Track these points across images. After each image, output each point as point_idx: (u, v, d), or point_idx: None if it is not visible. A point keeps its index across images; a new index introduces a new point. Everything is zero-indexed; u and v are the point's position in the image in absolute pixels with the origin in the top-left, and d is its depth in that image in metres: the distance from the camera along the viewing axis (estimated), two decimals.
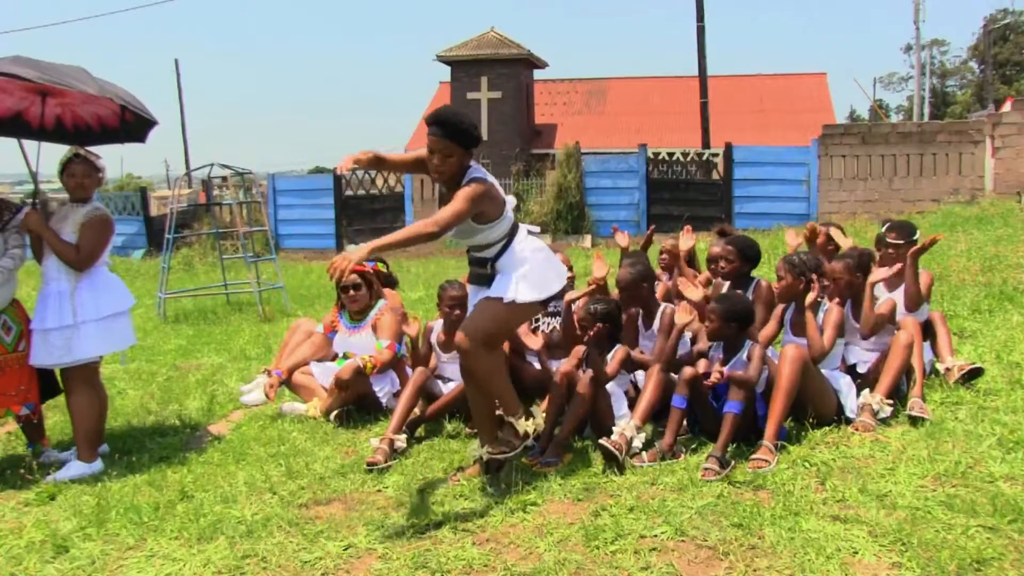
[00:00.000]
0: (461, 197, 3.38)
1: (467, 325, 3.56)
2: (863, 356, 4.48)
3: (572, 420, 4.02)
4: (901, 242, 4.83)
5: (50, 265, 4.27)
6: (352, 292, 5.07)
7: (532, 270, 3.57)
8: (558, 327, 4.87)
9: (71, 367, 4.23)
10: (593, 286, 4.67)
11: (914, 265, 4.59)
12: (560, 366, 4.26)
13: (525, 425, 3.72)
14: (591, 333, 4.14)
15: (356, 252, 3.15)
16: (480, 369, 3.58)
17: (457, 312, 4.53)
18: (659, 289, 4.98)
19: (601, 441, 3.74)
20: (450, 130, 3.43)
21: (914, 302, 4.62)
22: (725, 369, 3.87)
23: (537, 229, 3.78)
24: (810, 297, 4.16)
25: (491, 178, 3.53)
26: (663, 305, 4.55)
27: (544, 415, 4.23)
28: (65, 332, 4.17)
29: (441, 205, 3.50)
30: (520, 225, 3.68)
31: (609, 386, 4.17)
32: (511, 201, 3.65)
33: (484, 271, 3.64)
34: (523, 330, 4.85)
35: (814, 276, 4.28)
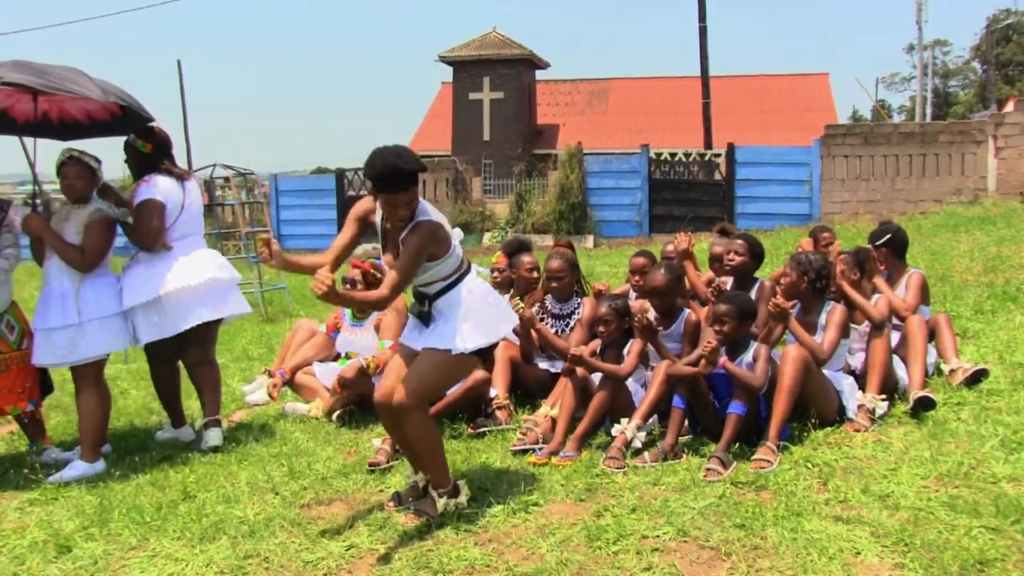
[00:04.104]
0: (412, 251, 3.15)
1: (407, 380, 3.24)
2: (860, 359, 4.49)
3: (591, 418, 4.05)
4: (877, 245, 4.97)
5: (52, 266, 4.28)
6: (348, 287, 5.11)
7: (474, 312, 3.30)
8: (566, 330, 4.88)
9: (79, 366, 4.24)
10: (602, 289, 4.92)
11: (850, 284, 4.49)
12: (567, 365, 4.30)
13: (448, 504, 3.35)
14: (611, 329, 4.32)
15: (321, 276, 2.93)
16: (412, 431, 3.30)
17: None
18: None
19: (603, 465, 3.76)
20: (400, 181, 3.11)
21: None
22: (728, 361, 3.87)
23: (486, 271, 3.48)
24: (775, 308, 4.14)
25: (437, 215, 3.29)
26: (686, 311, 4.57)
27: (546, 417, 4.25)
28: (70, 331, 4.18)
29: (385, 240, 3.34)
30: (471, 265, 3.46)
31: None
32: (457, 234, 3.42)
33: (423, 308, 3.36)
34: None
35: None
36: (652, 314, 4.26)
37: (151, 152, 4.47)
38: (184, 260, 4.42)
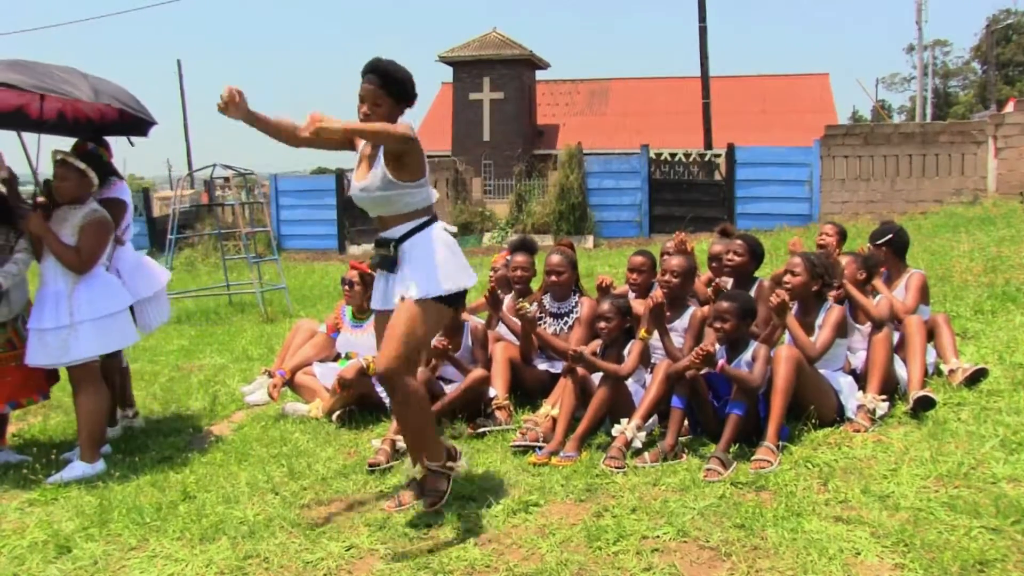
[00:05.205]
0: (398, 126, 3.18)
1: (386, 345, 3.20)
2: (862, 358, 4.49)
3: (591, 418, 4.05)
4: (877, 244, 5.03)
5: (48, 266, 4.27)
6: (346, 288, 5.14)
7: (443, 259, 3.29)
8: (564, 329, 4.88)
9: (75, 367, 4.24)
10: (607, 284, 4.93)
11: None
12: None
13: (455, 468, 3.44)
14: (612, 327, 4.34)
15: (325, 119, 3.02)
16: (408, 399, 3.24)
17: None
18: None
19: (603, 466, 3.76)
20: (385, 78, 3.27)
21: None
22: (726, 364, 3.86)
23: (454, 228, 3.49)
24: (775, 300, 4.12)
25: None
26: (692, 308, 4.58)
27: (546, 417, 4.25)
28: (62, 332, 4.17)
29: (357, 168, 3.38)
30: (438, 219, 3.44)
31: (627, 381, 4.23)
32: (433, 193, 3.42)
33: (387, 253, 3.33)
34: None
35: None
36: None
37: (109, 159, 4.73)
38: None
